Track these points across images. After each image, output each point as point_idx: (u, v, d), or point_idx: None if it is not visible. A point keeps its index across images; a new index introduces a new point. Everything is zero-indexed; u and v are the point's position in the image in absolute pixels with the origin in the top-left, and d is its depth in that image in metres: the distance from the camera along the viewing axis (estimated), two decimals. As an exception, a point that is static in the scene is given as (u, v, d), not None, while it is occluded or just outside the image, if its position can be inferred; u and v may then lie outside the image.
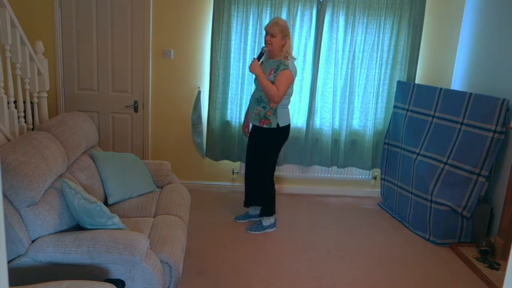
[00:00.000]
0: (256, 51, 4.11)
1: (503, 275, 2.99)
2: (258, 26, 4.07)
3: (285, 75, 3.24)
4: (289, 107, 4.23)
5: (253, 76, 3.37)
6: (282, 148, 4.29)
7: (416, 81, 4.32)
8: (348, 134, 4.36)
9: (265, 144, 3.44)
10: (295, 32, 4.10)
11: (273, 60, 3.35)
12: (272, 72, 3.30)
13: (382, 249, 3.47)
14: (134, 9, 4.08)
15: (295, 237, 3.57)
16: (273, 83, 3.26)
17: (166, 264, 2.34)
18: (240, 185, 4.54)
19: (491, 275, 3.07)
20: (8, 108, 2.81)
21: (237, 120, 4.27)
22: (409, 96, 4.01)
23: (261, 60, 3.39)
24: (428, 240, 3.65)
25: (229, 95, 4.21)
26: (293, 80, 3.35)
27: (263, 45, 3.41)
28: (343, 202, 4.43)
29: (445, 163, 3.57)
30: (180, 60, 4.22)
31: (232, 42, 4.10)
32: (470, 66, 4.12)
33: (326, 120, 4.28)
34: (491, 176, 3.59)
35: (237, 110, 4.24)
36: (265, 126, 3.36)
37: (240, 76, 4.16)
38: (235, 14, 4.05)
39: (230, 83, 4.18)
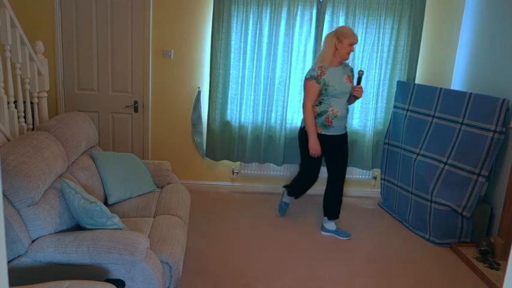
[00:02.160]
0: (256, 51, 4.11)
1: (503, 275, 2.99)
2: (258, 26, 4.07)
3: None
4: (291, 107, 4.28)
5: (348, 89, 3.43)
6: (283, 148, 4.32)
7: (416, 81, 4.32)
8: (348, 134, 4.34)
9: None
10: (295, 32, 4.10)
11: (344, 66, 3.47)
12: (351, 79, 3.47)
13: (382, 249, 3.47)
14: (134, 9, 4.08)
15: (295, 236, 3.57)
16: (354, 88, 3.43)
17: (166, 264, 2.35)
18: (240, 185, 4.54)
19: (491, 275, 3.07)
20: (8, 108, 2.81)
21: (237, 121, 4.27)
22: (409, 96, 4.01)
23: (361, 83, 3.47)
24: (428, 240, 3.65)
25: (229, 95, 4.21)
26: None
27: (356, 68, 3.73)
28: (343, 202, 4.42)
29: (445, 163, 3.57)
30: (180, 60, 4.22)
31: (232, 42, 4.10)
32: (470, 66, 4.12)
33: (326, 120, 4.28)
34: (491, 176, 3.59)
35: (237, 110, 4.24)
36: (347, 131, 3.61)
37: (240, 76, 4.16)
38: (235, 14, 4.05)
39: (230, 83, 4.18)
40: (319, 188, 4.54)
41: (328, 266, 3.14)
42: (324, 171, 3.65)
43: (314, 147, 3.40)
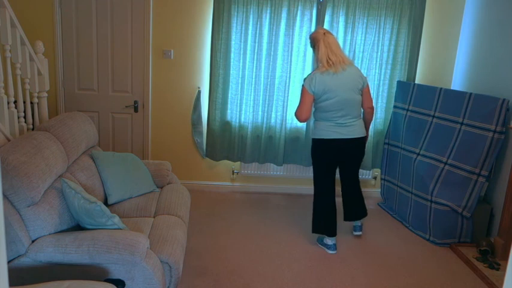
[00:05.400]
0: (256, 51, 4.11)
1: (503, 275, 2.99)
2: (258, 26, 4.07)
3: (302, 91, 3.20)
4: (291, 107, 4.27)
5: None
6: (283, 148, 4.31)
7: (416, 81, 4.32)
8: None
9: (311, 155, 3.46)
10: (295, 32, 4.10)
11: None
12: None
13: (382, 249, 3.47)
14: (134, 9, 4.08)
15: (295, 236, 3.57)
16: None
17: (166, 264, 2.35)
18: (240, 185, 4.54)
19: (491, 275, 3.07)
20: (8, 108, 2.81)
21: (237, 120, 4.27)
22: (409, 96, 4.01)
23: None
24: (428, 240, 3.66)
25: (229, 95, 4.21)
26: (310, 93, 3.14)
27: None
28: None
29: (445, 163, 3.57)
30: (180, 60, 4.23)
31: (232, 42, 4.10)
32: (470, 66, 4.12)
33: (326, 120, 4.28)
34: (491, 176, 3.59)
35: (237, 110, 4.24)
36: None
37: (240, 76, 4.17)
38: (235, 14, 4.05)
39: (230, 83, 4.18)
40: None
41: (328, 266, 3.14)
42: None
43: None
